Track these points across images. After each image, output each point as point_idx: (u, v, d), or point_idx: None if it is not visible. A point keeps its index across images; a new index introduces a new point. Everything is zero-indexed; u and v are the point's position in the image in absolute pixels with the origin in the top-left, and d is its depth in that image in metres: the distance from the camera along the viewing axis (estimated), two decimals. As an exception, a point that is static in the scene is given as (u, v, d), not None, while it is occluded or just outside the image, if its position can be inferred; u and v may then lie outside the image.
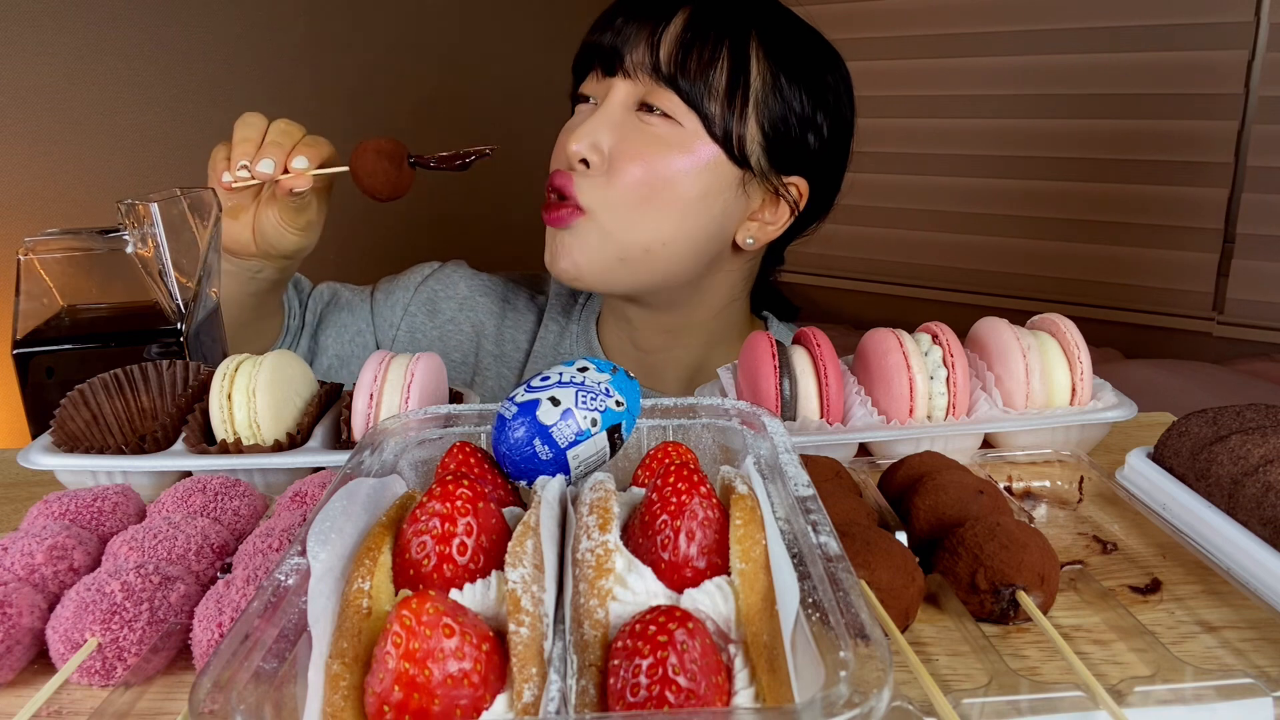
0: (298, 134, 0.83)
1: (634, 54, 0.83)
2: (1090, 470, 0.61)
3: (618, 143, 0.83)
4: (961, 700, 0.38)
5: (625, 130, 0.83)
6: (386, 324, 1.04)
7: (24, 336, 0.71)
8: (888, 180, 2.31)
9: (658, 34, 0.82)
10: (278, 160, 0.81)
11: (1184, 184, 1.92)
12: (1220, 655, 0.44)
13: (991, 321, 0.70)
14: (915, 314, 0.96)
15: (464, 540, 0.37)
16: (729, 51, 0.82)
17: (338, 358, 1.01)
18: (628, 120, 0.84)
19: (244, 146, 0.82)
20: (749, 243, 0.90)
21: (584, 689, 0.33)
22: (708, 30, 0.82)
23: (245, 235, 0.86)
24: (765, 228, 0.90)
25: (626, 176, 0.82)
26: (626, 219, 0.83)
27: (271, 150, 0.81)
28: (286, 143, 0.82)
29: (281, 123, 0.84)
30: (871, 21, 2.24)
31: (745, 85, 0.83)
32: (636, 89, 0.84)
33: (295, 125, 0.84)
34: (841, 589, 0.34)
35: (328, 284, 1.06)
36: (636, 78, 0.83)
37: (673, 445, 0.47)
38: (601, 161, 0.83)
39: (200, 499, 0.53)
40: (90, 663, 0.42)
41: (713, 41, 0.82)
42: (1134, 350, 1.98)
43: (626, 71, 0.83)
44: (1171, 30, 1.89)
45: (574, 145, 0.83)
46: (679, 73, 0.82)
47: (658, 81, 0.82)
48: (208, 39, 1.79)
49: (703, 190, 0.84)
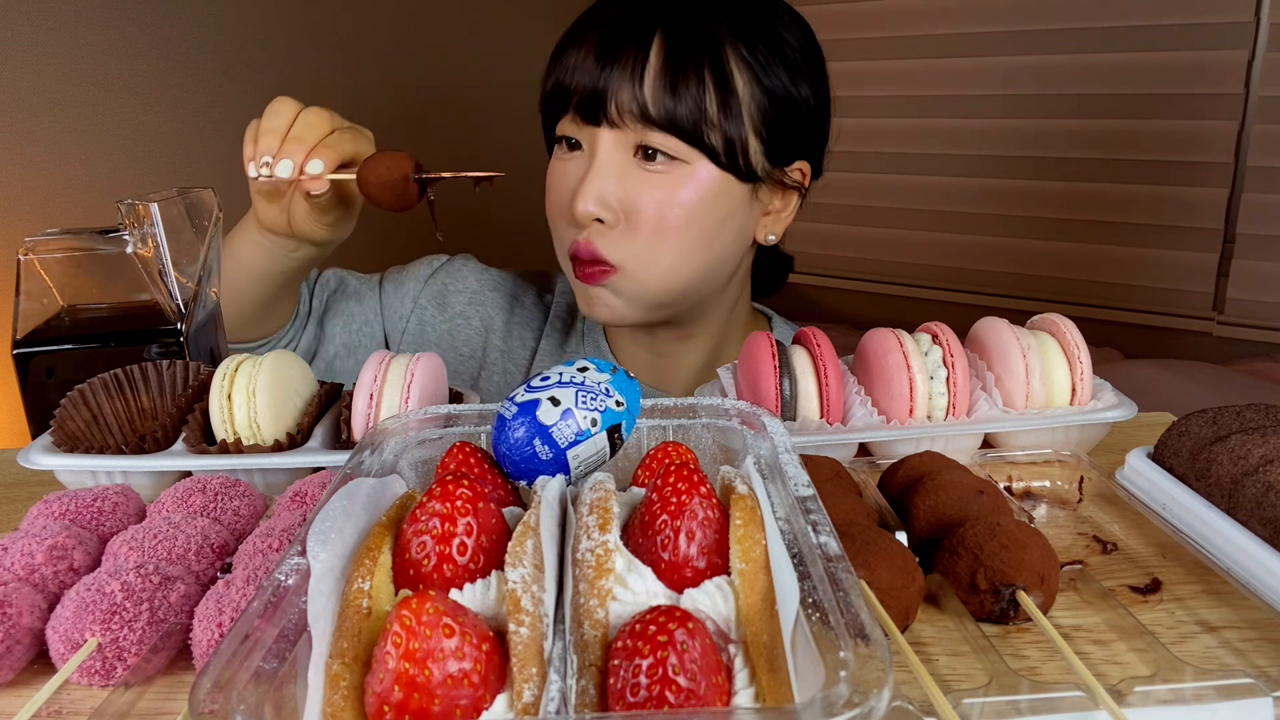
0: (324, 128, 0.81)
1: (618, 101, 0.79)
2: (1090, 470, 0.61)
3: (626, 193, 0.81)
4: (961, 700, 0.38)
5: (630, 180, 0.81)
6: (396, 315, 1.03)
7: (24, 336, 0.71)
8: (888, 180, 2.31)
9: (638, 75, 0.79)
10: (296, 161, 0.79)
11: (1184, 184, 1.92)
12: (1220, 655, 0.44)
13: (991, 321, 0.70)
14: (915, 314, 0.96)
15: (464, 540, 0.37)
16: (710, 71, 0.79)
17: (345, 346, 1.00)
18: (628, 168, 0.81)
19: (268, 140, 0.80)
20: (770, 239, 0.90)
21: (584, 689, 0.33)
22: (686, 57, 0.79)
23: (281, 219, 0.85)
24: (780, 218, 0.90)
25: (646, 227, 0.81)
26: (656, 266, 0.83)
27: (292, 149, 0.79)
28: (309, 138, 0.80)
29: (310, 114, 0.81)
30: (871, 21, 2.24)
31: (734, 98, 0.81)
32: (627, 135, 0.81)
33: (324, 117, 0.82)
34: (841, 589, 0.34)
35: (334, 271, 1.04)
36: (625, 125, 0.80)
37: (673, 445, 0.47)
38: (614, 216, 0.81)
39: (200, 499, 0.53)
40: (90, 663, 0.42)
41: (694, 67, 0.79)
42: (1134, 350, 1.98)
43: (613, 121, 0.80)
44: (1171, 30, 1.89)
45: (583, 206, 0.80)
46: (672, 116, 0.79)
47: (648, 126, 0.79)
48: (208, 39, 1.79)
49: (721, 216, 0.84)
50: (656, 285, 0.84)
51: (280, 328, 0.96)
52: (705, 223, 0.83)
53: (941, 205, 2.25)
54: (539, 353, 1.03)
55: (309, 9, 1.96)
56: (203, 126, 1.79)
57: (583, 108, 0.81)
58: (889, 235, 2.35)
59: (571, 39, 0.84)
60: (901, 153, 2.28)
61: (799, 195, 0.90)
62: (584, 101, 0.81)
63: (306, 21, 1.96)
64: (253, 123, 0.82)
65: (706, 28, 0.81)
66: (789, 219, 0.91)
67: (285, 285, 0.91)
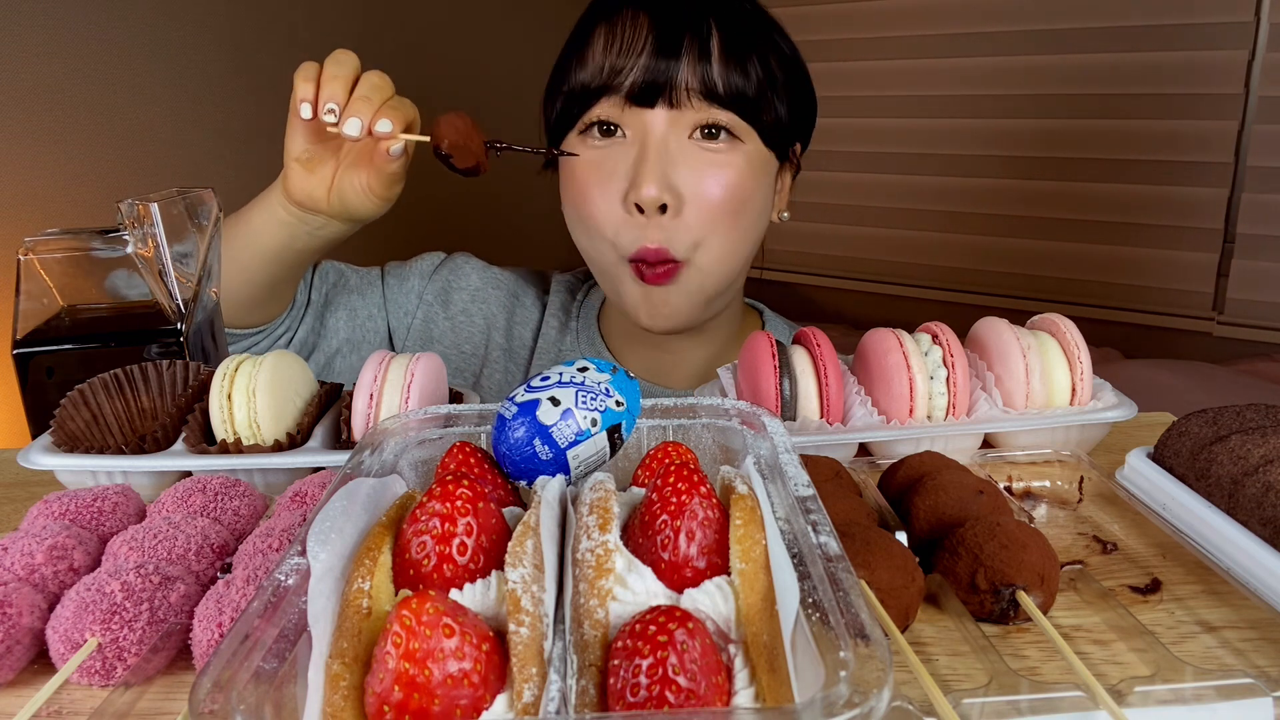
0: (388, 90, 0.77)
1: (686, 80, 0.78)
2: (1090, 470, 0.61)
3: (684, 176, 0.80)
4: (961, 700, 0.38)
5: (688, 162, 0.80)
6: (401, 310, 1.02)
7: (24, 336, 0.71)
8: (887, 180, 2.31)
9: (705, 52, 0.78)
10: (365, 119, 0.74)
11: (1184, 184, 1.92)
12: (1220, 655, 0.44)
13: (991, 321, 0.70)
14: (915, 314, 0.96)
15: (464, 540, 0.37)
16: (766, 51, 0.81)
17: (348, 341, 0.99)
18: (686, 149, 0.80)
19: (334, 85, 0.75)
20: (784, 217, 0.92)
21: (584, 689, 0.33)
22: (745, 39, 0.80)
23: (319, 191, 0.81)
24: (782, 196, 0.92)
25: (710, 210, 0.80)
26: (720, 252, 0.83)
27: (359, 107, 0.74)
28: (376, 98, 0.75)
29: (373, 75, 0.77)
30: (870, 22, 2.24)
31: (777, 79, 0.82)
32: (686, 115, 0.80)
33: (386, 79, 0.78)
34: (841, 589, 0.34)
35: (331, 264, 1.02)
36: (688, 105, 0.79)
37: (673, 445, 0.47)
38: (677, 199, 0.80)
39: (200, 499, 0.53)
40: (90, 663, 0.42)
41: (752, 49, 0.80)
42: (1134, 350, 1.98)
43: (676, 101, 0.79)
44: (1171, 30, 1.89)
45: (648, 190, 0.78)
46: (741, 92, 0.79)
47: (713, 105, 0.79)
48: (208, 39, 1.79)
49: (764, 196, 0.85)
50: (717, 270, 0.84)
51: (278, 315, 0.93)
52: (755, 202, 0.84)
53: (942, 205, 2.25)
54: (536, 351, 1.03)
55: (310, 8, 1.96)
56: (203, 126, 1.79)
57: (641, 90, 0.79)
58: (889, 235, 2.35)
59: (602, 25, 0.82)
60: (901, 153, 2.28)
61: (793, 173, 0.92)
62: (643, 84, 0.79)
63: (307, 21, 1.96)
64: (305, 65, 0.77)
65: (752, 11, 0.83)
66: (786, 198, 0.93)
67: (297, 265, 0.88)
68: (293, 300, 0.95)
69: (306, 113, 0.76)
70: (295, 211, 0.83)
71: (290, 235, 0.84)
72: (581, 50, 0.83)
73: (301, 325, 0.96)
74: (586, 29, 0.84)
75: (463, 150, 0.76)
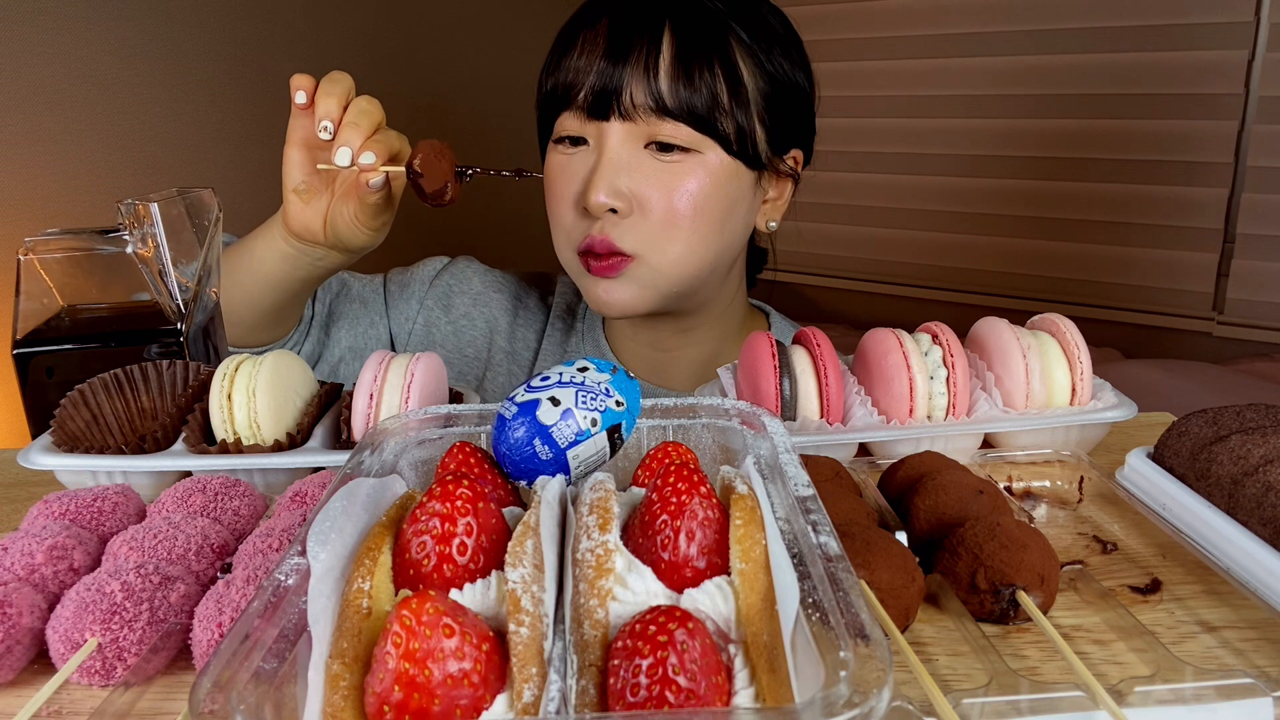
0: (378, 115, 0.78)
1: (631, 95, 0.79)
2: (1090, 470, 0.61)
3: (639, 184, 0.81)
4: (961, 700, 0.38)
5: (643, 171, 0.81)
6: (403, 317, 1.03)
7: (24, 336, 0.71)
8: (888, 180, 2.31)
9: (652, 67, 0.79)
10: (354, 149, 0.76)
11: (1184, 184, 1.92)
12: (1220, 655, 0.44)
13: (991, 321, 0.70)
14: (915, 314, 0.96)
15: (464, 540, 0.37)
16: (720, 60, 0.80)
17: (351, 350, 1.00)
18: (639, 159, 0.81)
19: (329, 102, 0.76)
20: (771, 225, 0.91)
21: (584, 689, 0.33)
22: (698, 47, 0.79)
23: (315, 223, 0.82)
24: (777, 206, 0.91)
25: (661, 214, 0.81)
26: (673, 254, 0.83)
27: (348, 135, 0.76)
28: (365, 124, 0.77)
29: (362, 101, 0.78)
30: (870, 21, 2.24)
31: (743, 86, 0.82)
32: (639, 128, 0.80)
33: (376, 105, 0.79)
34: (841, 589, 0.34)
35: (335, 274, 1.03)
36: (638, 118, 0.80)
37: (673, 445, 0.47)
38: (628, 205, 0.81)
39: (200, 499, 0.53)
40: (90, 663, 0.42)
41: (706, 57, 0.79)
42: (1134, 350, 1.98)
43: (624, 114, 0.80)
44: (1171, 30, 1.89)
45: (596, 197, 0.80)
46: (688, 106, 0.79)
47: (664, 118, 0.79)
48: (208, 39, 1.79)
49: (730, 203, 0.84)
50: (673, 271, 0.84)
51: (285, 335, 0.95)
52: (717, 209, 0.83)
53: (942, 205, 2.25)
54: (541, 353, 1.03)
55: (310, 9, 1.96)
56: (203, 126, 1.79)
57: (593, 103, 0.80)
58: (889, 235, 2.35)
59: (572, 34, 0.83)
60: (901, 153, 2.28)
61: (793, 183, 0.91)
62: (594, 96, 0.80)
63: (308, 21, 1.96)
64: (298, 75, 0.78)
65: (712, 17, 0.81)
66: (784, 207, 0.92)
67: (302, 293, 0.90)
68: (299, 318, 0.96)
69: (302, 99, 0.77)
70: (294, 243, 0.84)
71: (292, 266, 0.86)
72: (554, 59, 0.85)
73: (307, 340, 0.97)
74: (561, 37, 0.85)
75: (434, 170, 0.78)
